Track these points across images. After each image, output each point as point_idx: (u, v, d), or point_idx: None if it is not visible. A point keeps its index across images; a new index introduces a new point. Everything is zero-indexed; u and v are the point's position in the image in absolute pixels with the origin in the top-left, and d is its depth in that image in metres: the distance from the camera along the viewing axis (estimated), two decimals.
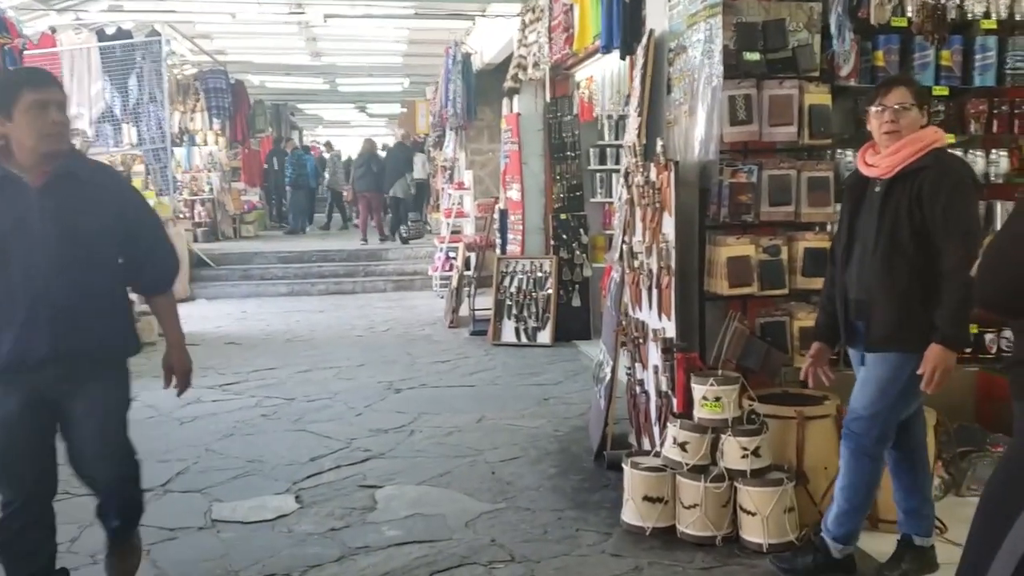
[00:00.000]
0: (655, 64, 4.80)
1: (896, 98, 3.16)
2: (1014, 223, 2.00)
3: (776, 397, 4.09)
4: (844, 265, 3.31)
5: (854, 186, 3.35)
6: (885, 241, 3.14)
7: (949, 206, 3.05)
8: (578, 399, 6.24)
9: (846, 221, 3.34)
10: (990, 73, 4.41)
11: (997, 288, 2.02)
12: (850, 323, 3.32)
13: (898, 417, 3.24)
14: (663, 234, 4.31)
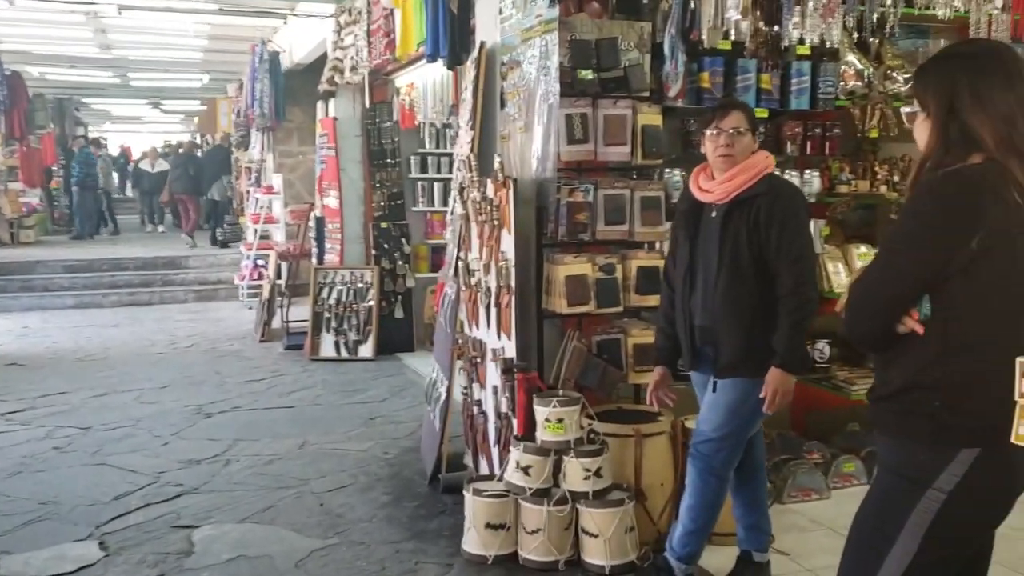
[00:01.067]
0: (487, 77, 4.70)
1: (732, 122, 3.20)
2: (878, 261, 2.03)
3: (612, 414, 4.09)
4: (689, 291, 3.32)
5: (689, 211, 3.37)
6: (727, 268, 3.18)
7: (782, 231, 3.13)
8: (407, 417, 6.05)
9: (686, 246, 3.35)
10: (805, 97, 4.63)
11: (866, 328, 2.05)
12: (696, 348, 3.34)
13: (746, 439, 3.30)
14: (502, 252, 4.21)
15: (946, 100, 1.98)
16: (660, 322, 3.55)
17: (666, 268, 3.57)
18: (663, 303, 3.55)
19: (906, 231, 1.99)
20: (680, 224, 3.44)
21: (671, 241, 3.56)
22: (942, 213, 1.91)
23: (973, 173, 1.91)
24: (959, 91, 1.96)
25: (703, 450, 3.28)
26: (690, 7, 3.90)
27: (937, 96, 2.01)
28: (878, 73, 4.75)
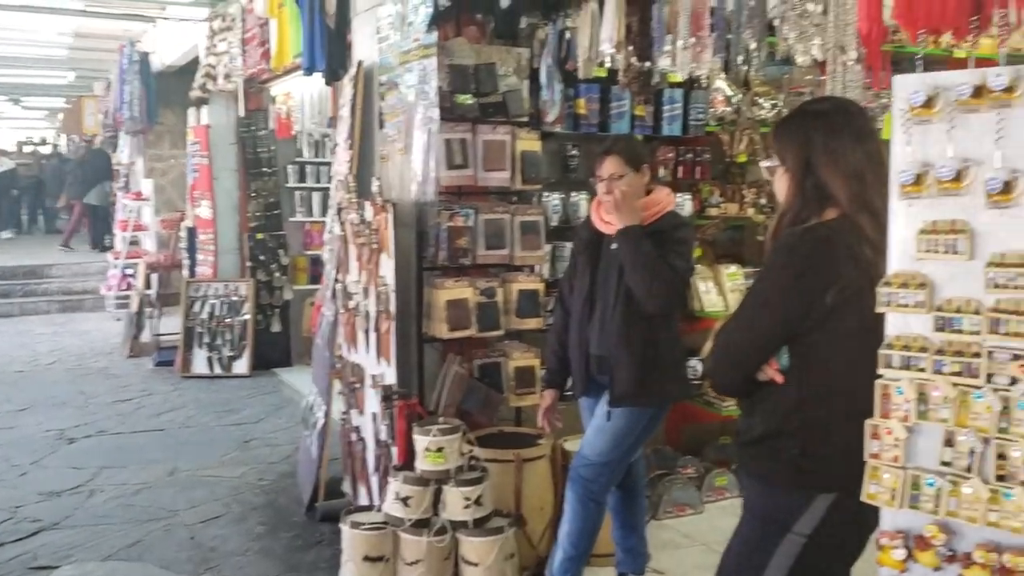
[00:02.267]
0: (365, 97, 4.63)
1: (608, 169, 3.28)
2: (740, 313, 2.09)
3: (494, 438, 4.10)
4: (587, 319, 3.35)
5: (590, 241, 3.40)
6: (624, 301, 3.22)
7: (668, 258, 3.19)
8: (283, 439, 5.90)
9: (587, 275, 3.38)
10: (677, 123, 4.76)
11: (728, 377, 2.13)
12: (589, 376, 3.38)
13: (626, 465, 3.37)
14: (381, 276, 4.15)
15: (802, 156, 2.07)
16: (553, 344, 3.58)
17: (562, 291, 3.61)
18: (557, 325, 3.58)
19: (766, 286, 2.06)
20: (580, 252, 3.47)
21: (570, 266, 3.61)
22: (799, 270, 1.98)
23: (828, 230, 2.00)
24: (814, 148, 2.05)
25: (584, 474, 3.32)
26: (566, 37, 3.94)
27: (793, 152, 2.09)
28: (746, 99, 4.92)
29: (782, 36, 2.97)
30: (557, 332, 3.57)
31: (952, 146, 1.69)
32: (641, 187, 3.31)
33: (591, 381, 3.40)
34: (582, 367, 3.40)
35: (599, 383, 3.37)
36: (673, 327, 3.35)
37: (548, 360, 3.62)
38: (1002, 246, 1.65)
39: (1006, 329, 1.63)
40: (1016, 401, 1.63)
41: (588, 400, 3.48)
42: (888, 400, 1.77)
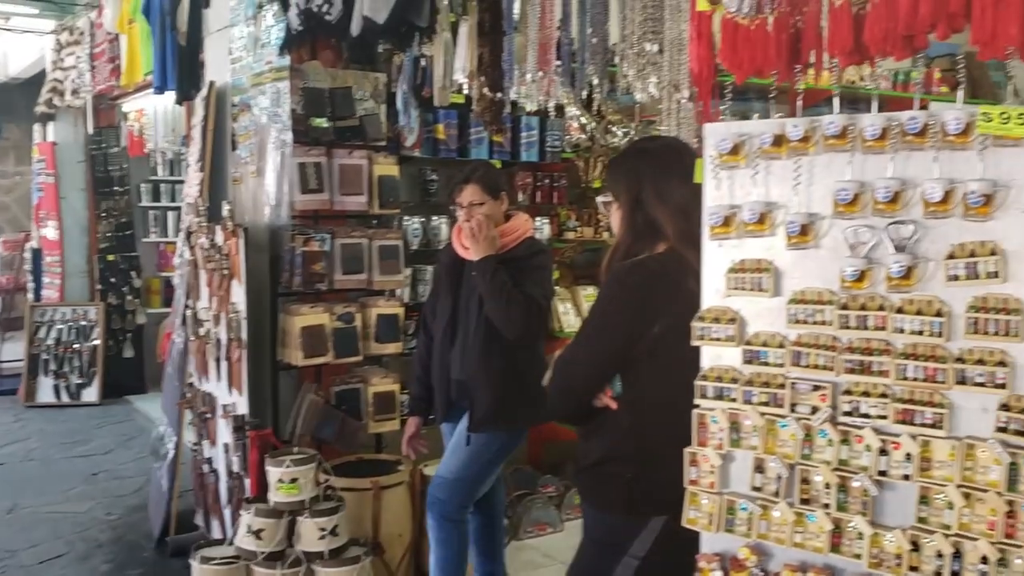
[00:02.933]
0: (217, 118, 4.53)
1: (467, 197, 3.34)
2: (576, 342, 2.17)
3: (351, 466, 4.07)
4: (449, 344, 3.38)
5: (452, 266, 3.42)
6: (484, 325, 3.25)
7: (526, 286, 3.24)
8: (134, 470, 5.66)
9: (448, 300, 3.40)
10: (534, 149, 4.87)
11: (564, 405, 2.20)
12: (451, 401, 3.40)
13: (480, 486, 3.40)
14: (232, 303, 4.06)
15: (633, 193, 2.16)
16: (417, 370, 3.59)
17: (425, 316, 3.62)
18: (420, 350, 3.59)
19: (598, 317, 2.14)
20: (442, 277, 3.50)
21: (432, 290, 3.63)
22: (629, 301, 2.07)
23: (656, 263, 2.10)
24: (644, 185, 2.15)
25: (438, 495, 3.35)
26: (421, 65, 3.98)
27: (625, 189, 2.19)
28: (600, 127, 5.08)
29: (622, 73, 3.09)
30: (420, 357, 3.58)
31: (756, 190, 1.81)
32: (500, 214, 3.39)
33: (452, 406, 3.42)
34: (444, 392, 3.42)
35: (460, 407, 3.39)
36: (536, 351, 3.39)
37: (413, 386, 3.63)
38: (802, 284, 1.77)
39: (807, 361, 1.75)
40: (817, 429, 1.75)
41: (449, 425, 3.50)
42: (704, 429, 1.87)
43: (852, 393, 1.71)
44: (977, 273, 1.59)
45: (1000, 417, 1.58)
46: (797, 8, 2.25)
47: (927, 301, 1.64)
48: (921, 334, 1.65)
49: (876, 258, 1.69)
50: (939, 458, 1.64)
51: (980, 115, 1.58)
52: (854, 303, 1.71)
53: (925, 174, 1.64)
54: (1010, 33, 1.80)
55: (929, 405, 1.64)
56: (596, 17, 3.26)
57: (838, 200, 1.70)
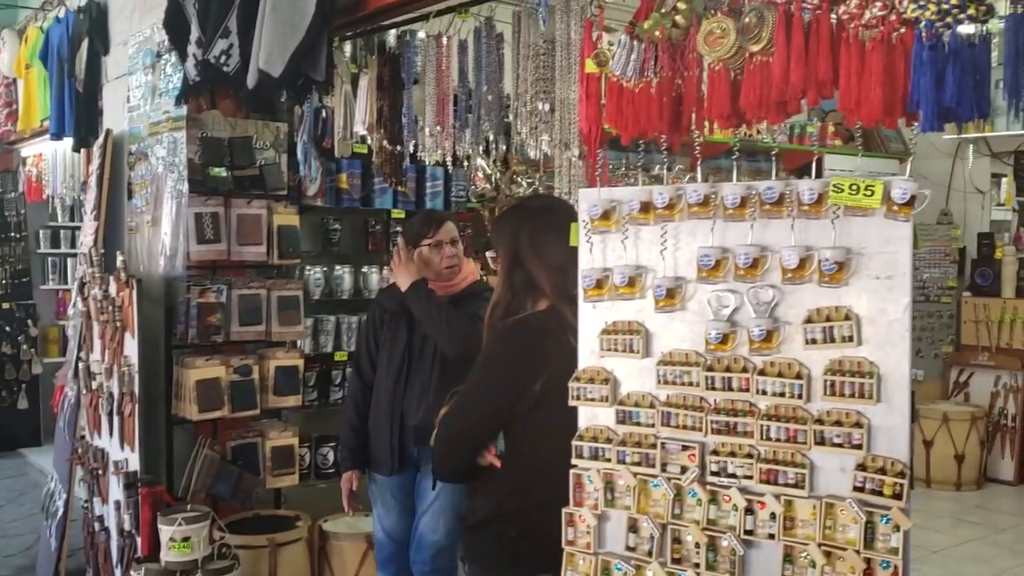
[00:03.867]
0: (113, 167, 4.43)
1: (449, 233, 3.30)
2: (460, 401, 2.17)
3: (248, 523, 3.97)
4: (403, 391, 3.26)
5: (400, 310, 3.29)
6: (440, 367, 3.19)
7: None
8: (24, 528, 5.40)
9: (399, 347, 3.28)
10: (439, 199, 4.89)
11: (449, 464, 2.19)
12: (405, 450, 3.27)
13: None
14: (125, 356, 3.95)
15: (512, 250, 2.19)
16: (352, 421, 3.39)
17: (359, 365, 3.46)
18: (355, 399, 3.42)
19: (482, 376, 2.15)
20: (385, 323, 3.36)
21: (368, 338, 3.44)
22: (511, 360, 2.09)
23: (537, 321, 2.12)
24: (522, 243, 2.18)
25: (442, 565, 3.22)
26: (322, 116, 3.98)
27: (505, 246, 2.21)
28: (505, 177, 5.14)
29: (516, 130, 3.14)
30: (356, 406, 3.40)
31: (626, 255, 1.85)
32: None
33: (408, 455, 3.29)
34: (396, 441, 3.27)
35: (416, 457, 3.27)
36: None
37: (347, 438, 3.42)
38: (670, 346, 1.82)
39: (676, 422, 1.79)
40: (687, 489, 1.78)
41: (400, 477, 3.33)
42: (581, 489, 1.89)
43: (719, 453, 1.75)
44: (833, 337, 1.66)
45: (857, 477, 1.64)
46: (678, 72, 2.32)
47: (787, 363, 1.70)
48: (783, 395, 1.70)
49: (739, 321, 1.75)
50: (802, 517, 1.69)
51: (832, 186, 1.65)
52: (719, 365, 1.75)
53: (783, 241, 1.71)
54: (872, 101, 1.89)
55: (791, 465, 1.69)
56: (491, 75, 3.33)
57: (701, 265, 1.76)
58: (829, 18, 1.95)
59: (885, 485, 1.61)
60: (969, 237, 6.74)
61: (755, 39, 2.05)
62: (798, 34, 1.96)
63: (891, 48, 1.88)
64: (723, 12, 2.13)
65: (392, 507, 3.37)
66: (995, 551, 5.14)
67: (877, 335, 1.63)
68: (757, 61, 2.07)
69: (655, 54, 2.31)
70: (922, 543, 5.18)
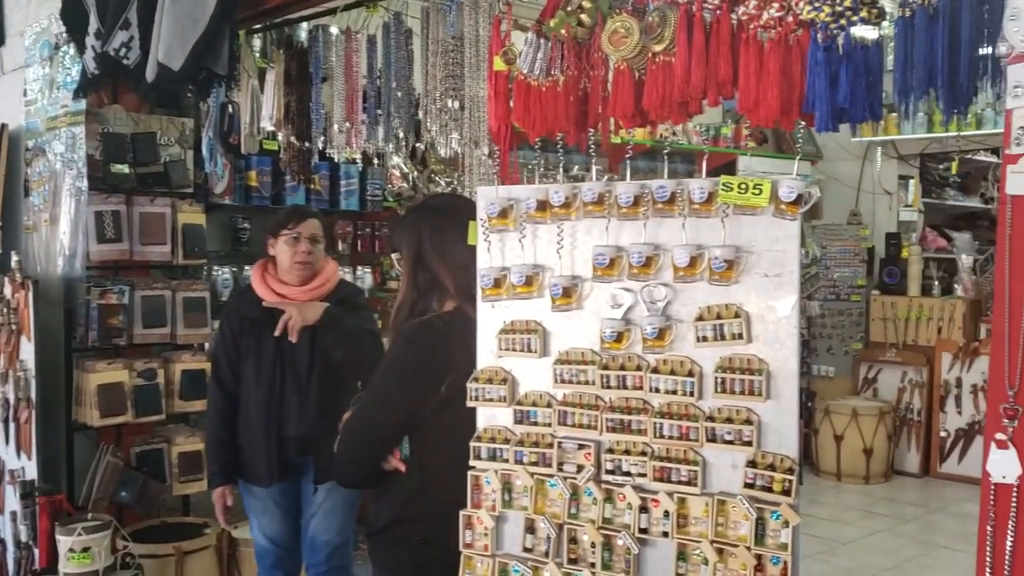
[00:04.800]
0: (9, 163, 4.25)
1: (310, 229, 3.16)
2: (363, 404, 2.12)
3: (154, 531, 3.86)
4: (278, 401, 3.12)
5: (263, 319, 3.13)
6: (319, 374, 3.10)
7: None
8: None
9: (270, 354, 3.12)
10: (354, 198, 4.82)
11: (353, 469, 2.14)
12: (286, 460, 3.15)
13: None
14: (21, 360, 3.79)
15: (415, 250, 2.15)
16: (219, 434, 3.19)
17: (219, 374, 3.23)
18: (220, 412, 3.20)
19: (387, 379, 2.10)
20: (247, 332, 3.17)
21: (228, 345, 3.21)
22: (417, 362, 2.04)
23: (442, 323, 2.08)
24: (424, 242, 2.14)
25: (340, 561, 3.19)
26: (228, 111, 3.87)
27: (407, 246, 2.17)
28: (423, 176, 5.09)
29: (426, 127, 3.11)
30: (223, 420, 3.19)
31: (524, 253, 1.84)
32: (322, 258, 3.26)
33: (288, 464, 3.18)
34: (275, 451, 3.14)
35: (295, 466, 3.19)
36: None
37: (216, 453, 3.20)
38: (567, 344, 1.81)
39: (572, 420, 1.78)
40: (583, 488, 1.77)
41: (284, 486, 3.21)
42: (479, 490, 1.87)
43: (614, 451, 1.75)
44: (723, 335, 1.67)
45: (748, 474, 1.65)
46: (584, 71, 2.31)
47: (680, 361, 1.71)
48: (675, 393, 1.70)
49: (634, 319, 1.74)
50: (695, 514, 1.69)
51: (721, 185, 1.66)
52: (614, 363, 1.75)
53: (675, 240, 1.71)
54: (770, 101, 1.91)
55: (684, 463, 1.69)
56: (400, 71, 3.28)
57: (596, 264, 1.75)
58: (730, 19, 1.97)
59: (775, 481, 1.62)
60: (877, 237, 6.94)
61: (657, 39, 2.06)
62: (699, 34, 1.98)
63: (788, 49, 1.90)
64: (627, 11, 2.14)
65: (275, 514, 3.24)
66: (901, 541, 5.31)
67: (766, 332, 1.65)
68: (660, 61, 2.08)
69: (561, 53, 2.31)
70: (832, 535, 5.32)
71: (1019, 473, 1.43)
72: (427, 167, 5.18)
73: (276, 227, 3.18)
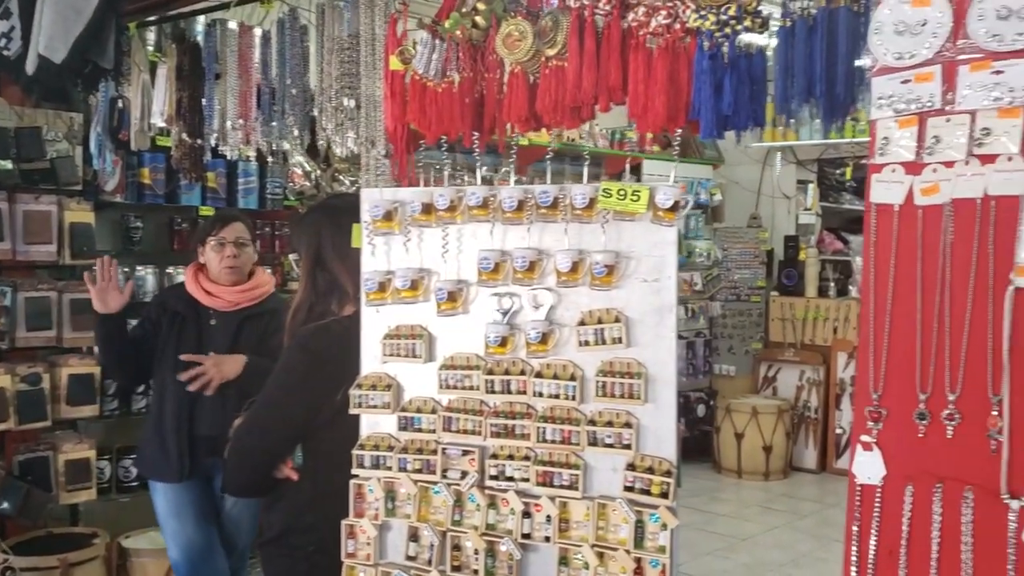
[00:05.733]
0: None
1: (235, 233, 3.22)
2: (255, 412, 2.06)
3: (39, 542, 3.71)
4: (194, 399, 3.10)
5: (190, 312, 3.18)
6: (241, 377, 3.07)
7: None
8: None
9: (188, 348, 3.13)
10: (253, 196, 4.71)
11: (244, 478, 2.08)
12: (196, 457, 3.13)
13: None
14: None
15: (313, 251, 2.09)
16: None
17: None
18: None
19: (280, 385, 2.04)
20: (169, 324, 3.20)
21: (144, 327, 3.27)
22: (310, 368, 1.99)
23: (340, 327, 2.03)
24: (324, 243, 2.08)
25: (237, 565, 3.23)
26: (118, 106, 3.73)
27: (306, 247, 2.12)
28: (326, 175, 5.00)
29: (321, 126, 3.05)
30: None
31: (409, 257, 1.81)
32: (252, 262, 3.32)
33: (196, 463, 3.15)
34: (184, 449, 3.13)
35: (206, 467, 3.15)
36: None
37: None
38: (452, 349, 1.79)
39: (457, 426, 1.77)
40: (467, 494, 1.76)
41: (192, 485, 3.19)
42: (362, 499, 1.84)
43: (498, 457, 1.75)
44: (604, 339, 1.68)
45: (627, 477, 1.66)
46: (480, 74, 2.30)
47: (563, 365, 1.71)
48: (558, 397, 1.70)
49: (518, 324, 1.74)
50: (576, 518, 1.70)
51: (601, 191, 1.67)
52: (499, 368, 1.74)
53: (558, 245, 1.72)
54: (658, 108, 1.93)
55: (566, 467, 1.70)
56: (295, 68, 3.22)
57: (481, 268, 1.74)
58: (620, 25, 1.98)
59: (653, 484, 1.64)
60: (777, 240, 7.14)
61: (550, 43, 2.07)
62: (590, 40, 1.99)
63: (676, 56, 1.92)
64: (521, 15, 2.14)
65: (187, 517, 3.21)
66: (798, 536, 5.46)
67: (646, 336, 1.66)
68: (552, 65, 2.08)
69: (457, 54, 2.29)
70: (732, 532, 5.44)
71: (883, 474, 1.48)
72: (331, 166, 5.10)
73: (203, 234, 3.29)
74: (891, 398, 1.46)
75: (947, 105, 1.43)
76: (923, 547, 1.43)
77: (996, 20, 1.39)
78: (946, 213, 1.42)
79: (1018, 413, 1.36)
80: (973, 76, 1.40)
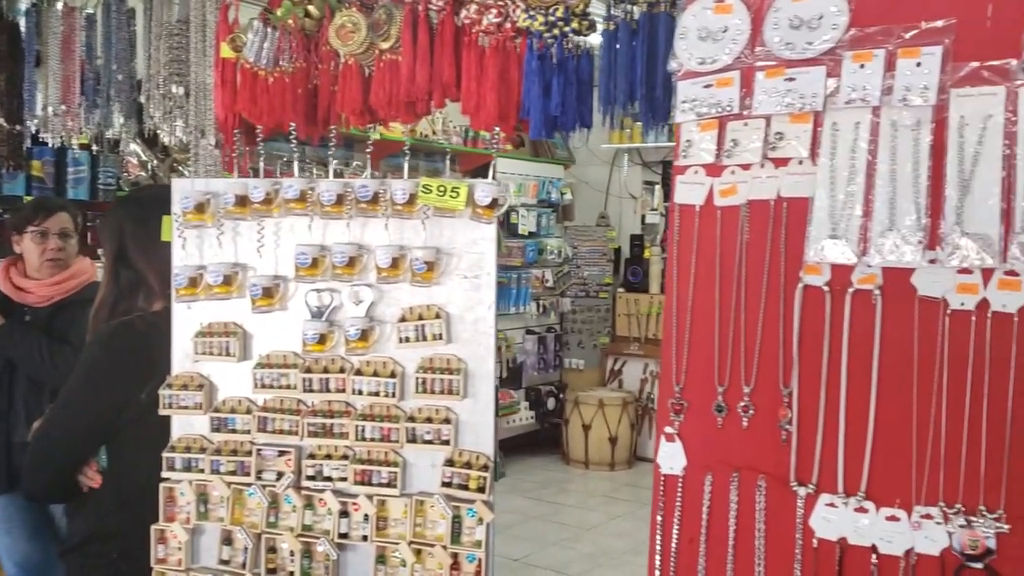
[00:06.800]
0: None
1: (60, 224, 3.03)
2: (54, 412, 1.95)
3: None
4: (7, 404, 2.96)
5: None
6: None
7: None
8: None
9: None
10: (83, 187, 4.46)
11: (44, 482, 1.96)
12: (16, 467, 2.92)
13: None
14: None
15: (115, 247, 1.99)
16: None
17: None
18: None
19: (79, 385, 1.93)
20: None
21: None
22: (111, 366, 1.89)
23: (145, 323, 1.94)
24: (126, 237, 1.98)
25: None
26: None
27: (109, 242, 2.01)
28: (164, 166, 4.79)
29: (148, 114, 2.92)
30: None
31: (223, 251, 1.75)
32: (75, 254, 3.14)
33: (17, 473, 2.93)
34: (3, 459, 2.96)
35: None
36: None
37: None
38: (269, 347, 1.74)
39: (273, 427, 1.72)
40: (283, 496, 1.72)
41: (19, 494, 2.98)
42: (173, 503, 1.77)
43: (316, 456, 1.71)
44: (425, 335, 1.67)
45: (445, 472, 1.67)
46: (313, 64, 2.25)
47: (383, 362, 1.69)
48: (378, 395, 1.69)
49: (338, 321, 1.71)
50: (394, 516, 1.69)
51: (421, 187, 1.66)
52: (317, 366, 1.71)
53: (379, 240, 1.70)
54: (489, 106, 1.94)
55: (385, 464, 1.68)
56: (121, 53, 3.07)
57: (299, 263, 1.70)
58: (453, 21, 1.98)
59: (471, 479, 1.65)
60: (624, 238, 7.34)
61: (384, 36, 2.04)
62: (424, 35, 1.98)
63: (507, 55, 1.94)
64: (356, 7, 2.10)
65: (19, 532, 3.05)
66: (640, 524, 5.64)
67: (465, 333, 1.67)
68: (386, 59, 2.06)
69: (289, 43, 2.23)
70: (577, 522, 5.56)
71: (684, 464, 1.54)
72: (169, 155, 4.89)
73: (22, 223, 3.07)
74: (692, 391, 1.52)
75: (745, 110, 1.50)
76: (721, 534, 1.50)
77: (789, 29, 1.46)
78: (743, 214, 1.49)
79: (806, 405, 1.44)
80: (768, 82, 1.47)
